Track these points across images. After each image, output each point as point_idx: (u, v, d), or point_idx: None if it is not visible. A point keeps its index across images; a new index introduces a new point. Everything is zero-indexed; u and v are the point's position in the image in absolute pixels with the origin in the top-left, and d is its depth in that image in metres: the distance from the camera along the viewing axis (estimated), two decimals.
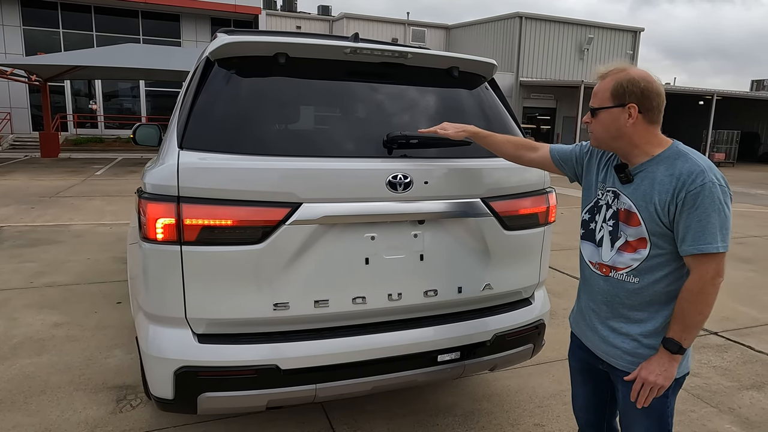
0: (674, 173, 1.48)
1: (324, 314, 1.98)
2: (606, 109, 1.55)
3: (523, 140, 1.98)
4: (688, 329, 1.49)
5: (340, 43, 2.07)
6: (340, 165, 1.94)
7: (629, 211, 1.56)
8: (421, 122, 2.17)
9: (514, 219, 2.22)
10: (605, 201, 1.66)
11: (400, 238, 2.04)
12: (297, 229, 1.88)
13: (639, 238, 1.54)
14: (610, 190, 1.65)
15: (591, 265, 1.71)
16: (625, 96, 1.52)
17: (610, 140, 1.59)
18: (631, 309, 1.60)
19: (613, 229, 1.62)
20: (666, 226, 1.50)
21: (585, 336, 1.77)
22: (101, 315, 4.00)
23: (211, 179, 1.82)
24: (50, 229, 6.95)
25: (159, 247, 1.83)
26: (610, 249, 1.63)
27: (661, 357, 1.53)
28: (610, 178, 1.66)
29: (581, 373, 1.84)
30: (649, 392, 1.54)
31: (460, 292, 2.17)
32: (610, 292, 1.63)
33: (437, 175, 2.05)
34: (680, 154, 1.52)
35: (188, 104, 1.96)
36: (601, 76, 1.57)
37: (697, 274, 1.47)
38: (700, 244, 1.44)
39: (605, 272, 1.65)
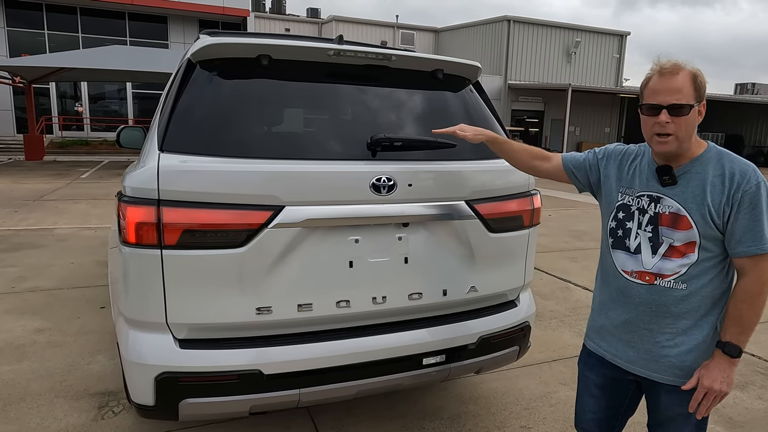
0: (725, 173, 1.45)
1: (308, 318, 1.96)
2: (694, 106, 1.44)
3: (538, 150, 1.90)
4: (746, 331, 1.46)
5: (323, 45, 2.06)
6: (324, 167, 1.93)
7: (677, 214, 1.49)
8: (406, 125, 2.17)
9: (498, 221, 2.22)
10: (638, 206, 1.58)
11: (385, 240, 2.03)
12: (280, 233, 1.86)
13: (687, 243, 1.49)
14: (646, 194, 1.56)
15: (626, 274, 1.60)
16: (702, 91, 1.46)
17: (688, 141, 1.48)
18: (677, 318, 1.53)
19: (653, 234, 1.54)
20: (718, 228, 1.45)
21: (616, 353, 1.66)
22: (84, 320, 3.94)
23: (192, 182, 1.80)
24: (33, 233, 6.84)
25: (139, 251, 1.80)
26: (652, 255, 1.54)
27: (720, 362, 1.47)
28: (643, 181, 1.58)
29: (600, 388, 1.74)
30: (711, 401, 1.48)
31: (444, 295, 2.16)
32: (656, 302, 1.54)
33: (421, 177, 2.05)
34: (723, 154, 1.49)
35: (169, 106, 1.94)
36: (672, 70, 1.45)
37: (755, 274, 1.43)
38: (760, 244, 1.41)
39: (648, 280, 1.55)
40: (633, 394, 1.73)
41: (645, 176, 1.57)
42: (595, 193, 1.77)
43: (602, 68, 28.87)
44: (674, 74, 1.44)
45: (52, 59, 15.93)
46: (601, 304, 1.70)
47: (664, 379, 1.57)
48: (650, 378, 1.60)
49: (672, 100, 1.43)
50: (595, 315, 1.74)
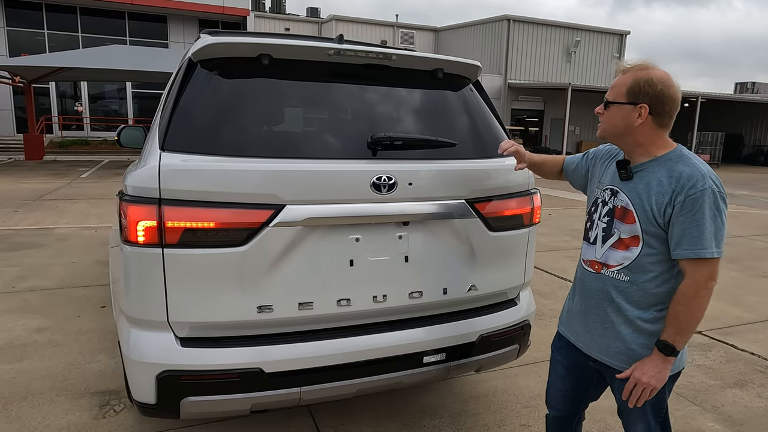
0: (674, 175, 1.49)
1: (308, 317, 1.96)
2: (618, 104, 1.56)
3: (559, 159, 1.99)
4: (682, 332, 1.50)
5: (324, 44, 2.06)
6: (324, 166, 1.93)
7: (626, 208, 1.57)
8: (406, 124, 2.17)
9: (498, 220, 2.23)
10: (602, 198, 1.68)
11: (385, 239, 2.04)
12: (281, 231, 1.86)
13: (632, 236, 1.56)
14: (609, 187, 1.66)
15: (584, 263, 1.72)
16: (639, 95, 1.52)
17: (615, 135, 1.60)
18: (622, 307, 1.60)
19: (607, 226, 1.64)
20: (660, 227, 1.51)
21: (577, 337, 1.76)
22: (84, 319, 3.95)
23: (194, 181, 1.81)
24: (33, 232, 6.85)
25: (140, 250, 1.81)
26: (602, 245, 1.64)
27: (654, 359, 1.53)
28: (609, 175, 1.68)
29: (566, 369, 1.85)
30: (641, 393, 1.54)
31: (445, 294, 2.17)
32: (602, 290, 1.64)
33: (422, 176, 2.05)
34: (682, 158, 1.53)
35: (170, 106, 1.94)
36: (623, 70, 1.56)
37: (692, 278, 1.48)
38: (697, 248, 1.45)
39: (597, 269, 1.66)
40: (597, 383, 1.82)
41: (612, 171, 1.67)
42: (586, 190, 1.87)
43: (602, 68, 28.87)
44: (622, 74, 1.57)
45: (51, 59, 15.92)
46: (571, 290, 1.83)
47: (614, 365, 1.64)
48: (604, 362, 1.68)
49: (607, 95, 1.60)
50: (567, 301, 1.86)
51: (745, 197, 13.59)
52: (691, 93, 25.57)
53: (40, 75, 16.40)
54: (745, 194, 14.32)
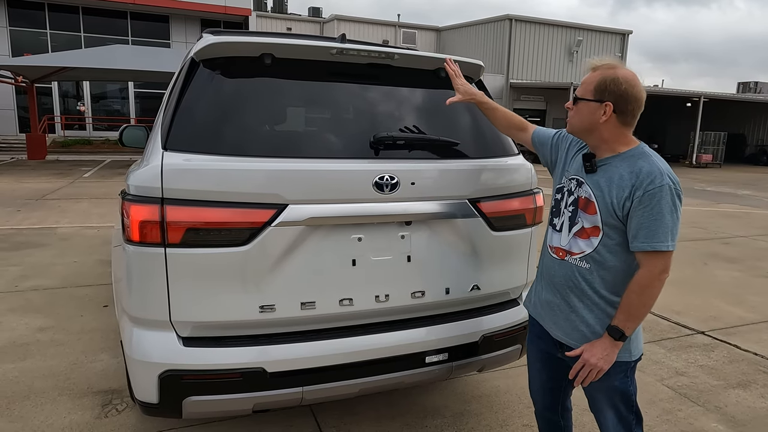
0: (634, 171, 1.56)
1: (311, 316, 1.96)
2: (585, 101, 1.63)
3: (517, 119, 2.09)
4: (632, 319, 1.58)
5: (326, 43, 2.06)
6: (327, 166, 1.93)
7: (588, 199, 1.65)
8: (409, 123, 2.17)
9: (501, 220, 2.22)
10: (568, 188, 1.74)
11: (387, 239, 2.04)
12: (283, 231, 1.86)
13: (593, 227, 1.63)
14: (574, 178, 1.73)
15: (550, 249, 1.79)
16: (605, 93, 1.58)
17: (582, 130, 1.68)
18: (584, 293, 1.67)
19: (572, 215, 1.71)
20: (620, 219, 1.58)
21: (543, 320, 1.83)
22: (87, 318, 3.95)
23: (196, 180, 1.80)
24: (36, 231, 6.86)
25: (143, 249, 1.81)
26: (568, 234, 1.71)
27: (604, 342, 1.61)
28: (576, 165, 1.74)
29: (540, 361, 1.93)
30: (588, 373, 1.62)
31: (447, 294, 2.17)
32: (566, 275, 1.71)
33: (424, 176, 2.05)
34: (643, 155, 1.60)
35: (173, 105, 1.94)
36: (593, 68, 1.64)
37: (647, 269, 1.55)
38: (653, 241, 1.52)
39: (561, 256, 1.73)
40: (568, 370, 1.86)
41: (578, 162, 1.73)
42: (551, 169, 1.93)
43: None
44: (592, 71, 1.64)
45: (54, 59, 15.95)
46: (538, 273, 1.91)
47: (577, 346, 1.70)
48: (569, 345, 1.73)
49: (576, 91, 1.67)
50: (534, 283, 1.94)
51: (748, 197, 13.55)
52: (693, 93, 25.52)
53: (42, 75, 16.43)
54: (748, 194, 14.29)
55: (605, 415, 1.74)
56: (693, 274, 5.77)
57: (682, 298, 4.85)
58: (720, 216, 10.02)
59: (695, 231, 8.33)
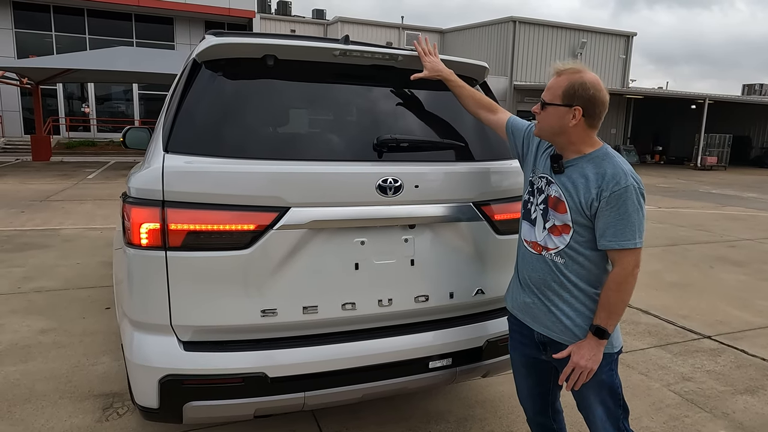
0: (600, 172, 1.62)
1: (313, 321, 1.94)
2: (554, 106, 1.66)
3: (487, 100, 2.10)
4: (613, 316, 1.63)
5: (329, 44, 2.04)
6: (329, 169, 1.91)
7: (558, 199, 1.70)
8: (412, 125, 2.14)
9: (506, 223, 2.19)
10: (538, 186, 1.80)
11: (391, 242, 2.01)
12: (285, 234, 1.84)
13: (564, 224, 1.69)
14: (544, 176, 1.77)
15: (526, 243, 1.83)
16: (574, 98, 1.63)
17: (551, 134, 1.72)
18: (562, 287, 1.71)
19: (543, 212, 1.76)
20: (588, 218, 1.64)
21: (525, 313, 1.84)
22: (89, 321, 3.94)
23: (197, 183, 1.79)
24: (39, 233, 6.87)
25: (143, 252, 1.79)
26: (543, 230, 1.76)
27: (589, 343, 1.66)
28: (544, 165, 1.79)
29: (525, 367, 1.94)
30: (579, 376, 1.66)
31: (451, 298, 2.14)
32: (543, 270, 1.75)
33: (428, 178, 2.02)
34: (607, 156, 1.66)
35: (174, 107, 1.92)
36: (558, 72, 1.67)
37: (620, 266, 1.61)
38: (622, 240, 1.59)
39: (538, 251, 1.77)
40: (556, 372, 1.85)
41: (548, 162, 1.77)
42: (521, 162, 1.97)
43: (608, 69, 28.70)
44: (557, 75, 1.67)
45: (58, 60, 16.00)
46: (516, 267, 1.92)
47: (562, 339, 1.73)
48: (551, 338, 1.76)
49: (543, 96, 1.69)
50: (512, 280, 1.96)
51: (754, 200, 13.47)
52: (698, 95, 25.40)
53: (47, 76, 16.50)
54: (754, 197, 14.20)
55: (593, 412, 1.75)
56: (699, 278, 5.72)
57: (688, 302, 4.81)
58: (725, 219, 9.95)
59: (701, 234, 8.27)
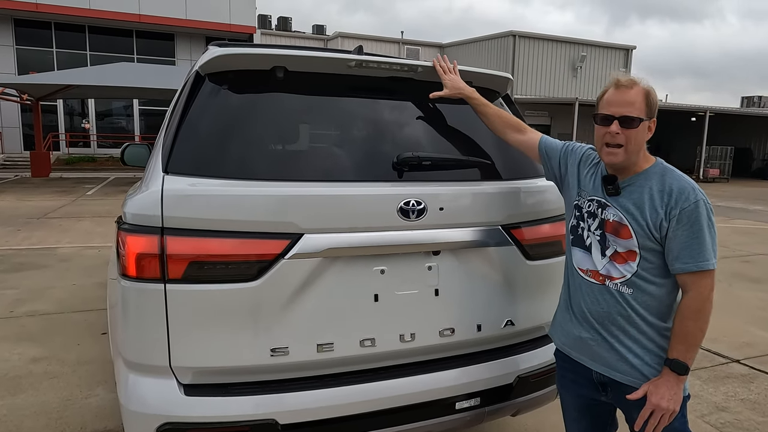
0: (665, 189, 1.48)
1: (328, 359, 1.74)
2: (643, 121, 1.50)
3: (514, 120, 1.95)
4: (692, 348, 1.47)
5: (344, 55, 1.88)
6: (346, 190, 1.73)
7: (619, 223, 1.54)
8: (434, 142, 1.97)
9: (536, 247, 2.01)
10: (589, 209, 1.64)
11: (413, 271, 1.83)
12: (298, 264, 1.65)
13: (629, 251, 1.52)
14: (595, 199, 1.62)
15: (582, 272, 1.65)
16: (653, 108, 1.51)
17: (635, 154, 1.52)
18: (628, 321, 1.54)
19: (601, 238, 1.59)
20: (657, 242, 1.48)
21: (581, 351, 1.65)
22: (84, 347, 3.74)
23: (200, 208, 1.60)
24: (35, 252, 6.68)
25: (140, 285, 1.60)
26: (603, 257, 1.59)
27: (668, 380, 1.48)
28: (592, 186, 1.64)
29: (578, 409, 1.76)
30: (660, 419, 1.47)
31: (479, 331, 1.95)
32: (607, 302, 1.57)
33: (454, 200, 1.84)
34: (667, 170, 1.52)
35: (175, 124, 1.75)
36: (627, 84, 1.51)
37: (696, 291, 1.46)
38: (699, 261, 1.44)
39: (601, 281, 1.60)
40: (611, 412, 1.74)
41: (597, 182, 1.62)
42: (559, 185, 1.81)
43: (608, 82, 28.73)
44: (629, 88, 1.50)
45: (58, 77, 15.94)
46: (564, 301, 1.74)
47: (628, 380, 1.56)
48: (613, 378, 1.59)
49: (624, 112, 1.48)
50: (559, 312, 1.77)
51: (761, 212, 13.29)
52: (699, 107, 25.40)
53: (47, 93, 16.42)
54: (760, 209, 14.02)
55: None
56: (718, 296, 5.46)
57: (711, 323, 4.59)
58: (736, 233, 9.76)
59: None
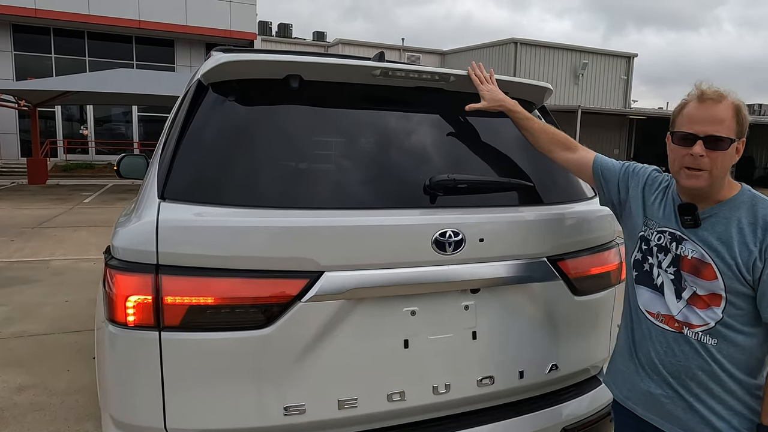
0: (758, 222, 1.26)
1: (351, 417, 1.49)
2: (732, 142, 1.27)
3: (562, 135, 1.70)
4: None
5: (367, 62, 1.65)
6: (374, 219, 1.48)
7: (701, 261, 1.31)
8: (469, 162, 1.73)
9: (584, 281, 1.77)
10: (659, 242, 1.39)
11: (448, 311, 1.58)
12: (316, 307, 1.41)
13: (711, 294, 1.29)
14: (667, 230, 1.38)
15: (651, 316, 1.41)
16: (744, 126, 1.28)
17: (722, 180, 1.30)
18: (712, 378, 1.31)
19: (675, 278, 1.36)
20: (749, 285, 1.25)
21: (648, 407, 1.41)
22: (74, 374, 3.47)
23: (202, 242, 1.36)
24: (27, 265, 6.41)
25: (130, 333, 1.36)
26: (678, 300, 1.35)
27: None
28: (662, 214, 1.40)
29: None
30: None
31: (521, 378, 1.70)
32: (685, 354, 1.34)
33: (496, 229, 1.60)
34: (757, 199, 1.31)
35: (174, 141, 1.51)
36: (714, 97, 1.27)
37: None
38: None
39: (677, 328, 1.35)
40: None
41: (669, 210, 1.39)
42: (618, 212, 1.57)
43: (610, 90, 28.66)
44: (717, 102, 1.27)
45: (56, 83, 15.75)
46: (627, 347, 1.49)
47: None
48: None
49: (711, 131, 1.25)
50: (620, 359, 1.52)
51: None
52: None
53: (44, 99, 16.22)
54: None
55: None
56: None
57: None
58: None
59: None
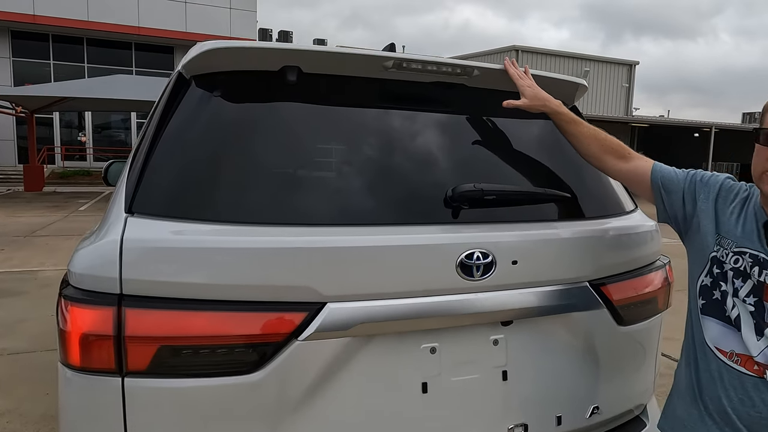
0: None
1: None
2: None
3: (615, 142, 1.42)
4: None
5: (377, 52, 1.40)
6: (386, 239, 1.22)
7: None
8: (496, 168, 1.48)
9: (630, 308, 1.51)
10: (735, 265, 1.16)
11: (474, 347, 1.32)
12: (316, 347, 1.15)
13: None
14: (747, 252, 1.15)
15: (723, 355, 1.18)
16: None
17: None
18: None
19: (756, 310, 1.13)
20: None
21: None
22: (52, 398, 3.17)
23: (177, 267, 1.10)
24: (15, 276, 6.15)
25: (87, 378, 1.10)
26: (757, 338, 1.13)
27: None
28: (741, 231, 1.17)
29: None
30: None
31: (559, 425, 1.43)
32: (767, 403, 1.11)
33: (531, 249, 1.34)
34: None
35: (147, 144, 1.26)
36: None
37: None
38: None
39: (757, 372, 1.13)
40: None
41: (750, 227, 1.17)
42: (682, 228, 1.32)
43: (612, 97, 28.55)
44: None
45: (52, 89, 15.61)
46: (689, 390, 1.27)
47: None
48: None
49: None
50: (681, 403, 1.29)
51: None
52: (703, 123, 25.13)
53: (41, 105, 16.05)
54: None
55: None
56: None
57: None
58: None
59: None
